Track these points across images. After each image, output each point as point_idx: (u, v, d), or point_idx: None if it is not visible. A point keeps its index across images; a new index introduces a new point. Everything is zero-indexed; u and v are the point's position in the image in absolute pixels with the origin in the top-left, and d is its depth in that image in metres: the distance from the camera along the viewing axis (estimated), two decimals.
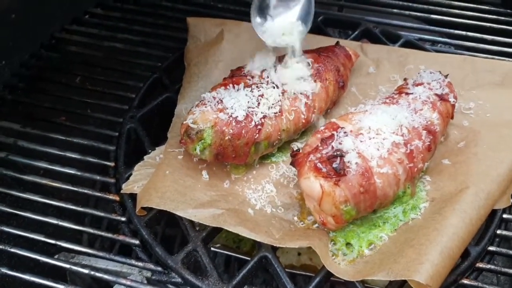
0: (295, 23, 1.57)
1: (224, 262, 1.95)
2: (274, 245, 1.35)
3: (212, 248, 1.75)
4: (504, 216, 1.49)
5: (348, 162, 1.31)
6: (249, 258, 1.39)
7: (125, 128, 1.67)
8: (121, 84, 1.87)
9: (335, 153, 1.32)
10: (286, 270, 1.55)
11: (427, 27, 2.10)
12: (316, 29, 2.00)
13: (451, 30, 2.05)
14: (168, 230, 2.00)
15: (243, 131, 1.42)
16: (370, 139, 1.36)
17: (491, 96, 1.69)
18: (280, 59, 1.59)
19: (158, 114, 1.77)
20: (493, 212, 1.45)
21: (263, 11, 1.57)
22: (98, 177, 1.61)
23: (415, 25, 2.08)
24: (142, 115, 1.72)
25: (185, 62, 1.81)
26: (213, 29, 1.84)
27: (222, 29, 1.83)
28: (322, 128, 1.44)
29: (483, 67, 1.75)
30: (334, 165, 1.30)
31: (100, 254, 1.45)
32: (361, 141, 1.36)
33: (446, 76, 1.61)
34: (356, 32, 1.98)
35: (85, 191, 1.57)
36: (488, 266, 1.40)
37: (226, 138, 1.41)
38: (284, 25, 1.56)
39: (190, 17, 1.89)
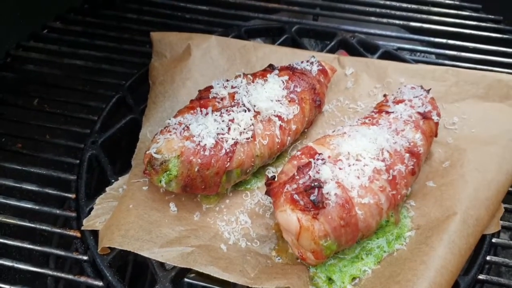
0: None
1: None
2: (249, 285, 1.23)
3: (186, 280, 1.64)
4: (494, 240, 1.40)
5: (327, 193, 1.20)
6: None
7: (86, 156, 1.54)
8: (82, 106, 1.74)
9: (312, 184, 1.21)
10: None
11: (406, 35, 2.01)
12: (290, 40, 1.90)
13: (431, 38, 1.97)
14: (137, 266, 1.87)
15: (212, 160, 1.31)
16: (349, 166, 1.26)
17: (476, 110, 1.61)
18: (252, 78, 1.48)
19: (123, 137, 1.64)
20: (482, 238, 1.36)
21: None
22: (58, 211, 1.47)
23: (393, 34, 1.99)
24: (105, 140, 1.59)
25: (150, 81, 1.69)
26: (180, 44, 1.72)
27: (189, 44, 1.71)
28: (299, 153, 1.34)
29: (466, 79, 1.66)
30: (312, 197, 1.19)
31: None
32: (340, 169, 1.25)
33: (428, 91, 1.52)
34: (333, 43, 1.88)
35: (44, 227, 1.44)
36: None
37: (194, 168, 1.30)
38: None
39: (154, 32, 1.77)
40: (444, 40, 1.95)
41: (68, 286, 1.75)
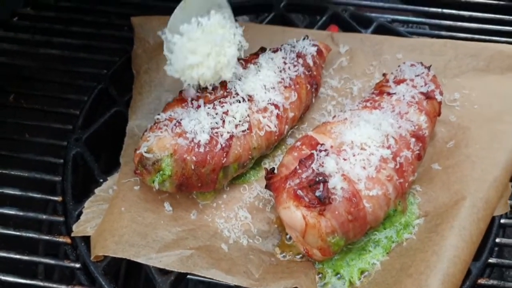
0: None
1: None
2: None
3: (189, 276, 1.58)
4: (502, 221, 1.35)
5: (333, 187, 1.13)
6: (233, 285, 1.21)
7: (70, 155, 1.45)
8: (62, 99, 1.62)
9: (317, 178, 1.14)
10: None
11: (400, 6, 1.91)
12: (279, 17, 1.80)
13: (426, 8, 1.87)
14: (130, 264, 1.78)
15: (208, 157, 1.22)
16: (354, 156, 1.19)
17: (477, 84, 1.54)
18: (245, 65, 1.38)
19: (108, 132, 1.54)
20: (491, 220, 1.31)
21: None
22: (44, 217, 1.38)
23: (386, 5, 1.89)
24: (89, 136, 1.49)
25: (134, 70, 1.58)
26: (163, 28, 1.60)
27: None
28: (299, 144, 1.26)
29: (466, 52, 1.59)
30: (317, 193, 1.12)
31: None
32: (344, 160, 1.18)
33: (429, 68, 1.44)
34: (324, 18, 1.78)
35: (31, 235, 1.35)
36: (491, 282, 1.27)
37: (189, 166, 1.21)
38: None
39: (135, 17, 1.64)
40: (439, 10, 1.86)
41: None
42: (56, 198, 1.40)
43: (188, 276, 1.51)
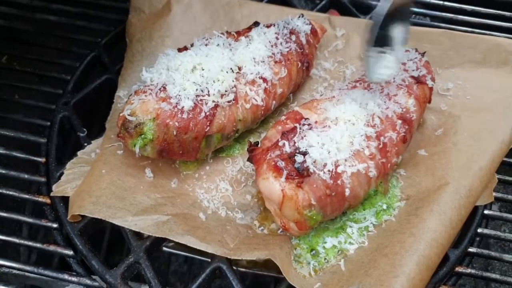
0: None
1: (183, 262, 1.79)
2: (228, 256, 1.17)
3: (164, 249, 1.57)
4: (486, 212, 1.34)
5: (313, 161, 1.12)
6: (209, 260, 1.21)
7: (57, 117, 1.44)
8: (55, 64, 1.62)
9: (297, 150, 1.13)
10: (247, 270, 1.40)
11: None
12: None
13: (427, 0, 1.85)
14: (114, 235, 1.79)
15: (190, 124, 1.22)
16: (337, 132, 1.18)
17: (472, 76, 1.52)
18: (236, 36, 1.37)
19: (99, 100, 1.54)
20: (474, 209, 1.29)
21: None
22: (26, 176, 1.38)
23: None
24: (78, 100, 1.49)
25: (127, 38, 1.57)
26: None
27: None
28: (284, 118, 1.25)
29: (463, 43, 1.57)
30: (296, 165, 1.11)
31: (27, 268, 1.25)
32: (327, 135, 1.17)
33: (423, 54, 1.43)
34: (323, 2, 1.76)
35: (11, 192, 1.35)
36: (468, 270, 1.26)
37: (171, 132, 1.21)
38: None
39: None
40: (440, 2, 1.84)
41: (42, 256, 1.68)
42: (39, 159, 1.40)
43: (165, 249, 1.52)
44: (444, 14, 1.81)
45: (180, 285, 1.93)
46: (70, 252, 1.26)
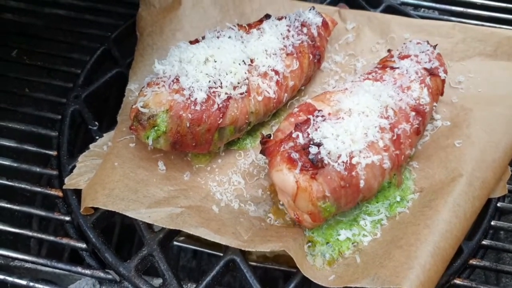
0: None
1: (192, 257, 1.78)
2: (242, 248, 1.16)
3: (176, 243, 1.57)
4: (499, 205, 1.34)
5: (328, 152, 1.12)
6: (221, 254, 1.21)
7: (68, 111, 1.44)
8: (65, 58, 1.62)
9: (311, 142, 1.13)
10: (258, 264, 1.40)
11: None
12: None
13: None
14: (125, 228, 1.79)
15: (204, 116, 1.21)
16: (351, 123, 1.17)
17: (483, 69, 1.52)
18: (248, 29, 1.37)
19: (109, 94, 1.54)
20: (487, 202, 1.29)
21: None
22: (38, 169, 1.38)
23: None
24: (88, 94, 1.48)
25: (137, 32, 1.57)
26: None
27: None
28: (296, 110, 1.25)
29: (474, 36, 1.56)
30: (311, 156, 1.11)
31: (41, 261, 1.24)
32: (341, 126, 1.16)
33: (435, 47, 1.42)
34: None
35: (23, 186, 1.35)
36: (483, 263, 1.26)
37: (184, 124, 1.20)
38: None
39: None
40: None
41: (53, 249, 1.68)
42: (51, 152, 1.40)
43: (175, 243, 1.52)
44: (453, 7, 1.81)
45: (189, 280, 1.93)
46: (83, 245, 1.26)
